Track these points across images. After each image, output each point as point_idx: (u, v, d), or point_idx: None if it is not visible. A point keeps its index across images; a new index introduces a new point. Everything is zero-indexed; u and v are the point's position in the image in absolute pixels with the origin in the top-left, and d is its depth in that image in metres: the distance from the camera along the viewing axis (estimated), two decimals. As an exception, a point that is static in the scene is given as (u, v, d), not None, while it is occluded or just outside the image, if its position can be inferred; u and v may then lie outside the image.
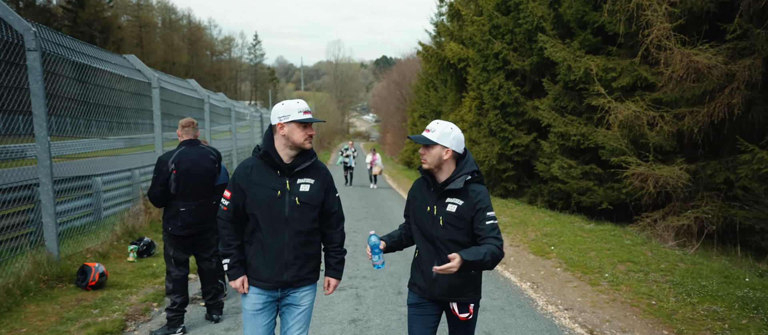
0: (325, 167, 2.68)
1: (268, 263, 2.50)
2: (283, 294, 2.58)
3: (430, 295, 2.51)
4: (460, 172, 2.46)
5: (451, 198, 2.45)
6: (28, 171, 5.99)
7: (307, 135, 2.50)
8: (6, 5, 4.72)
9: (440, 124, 2.49)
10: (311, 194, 2.54)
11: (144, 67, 8.05)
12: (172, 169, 3.89)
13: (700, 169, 8.89)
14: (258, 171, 2.52)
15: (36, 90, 4.87)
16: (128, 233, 6.95)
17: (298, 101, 2.52)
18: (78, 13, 55.03)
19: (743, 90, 8.01)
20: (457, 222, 2.42)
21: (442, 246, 2.45)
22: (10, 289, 4.42)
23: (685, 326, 4.27)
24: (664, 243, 7.96)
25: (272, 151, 2.51)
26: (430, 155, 2.46)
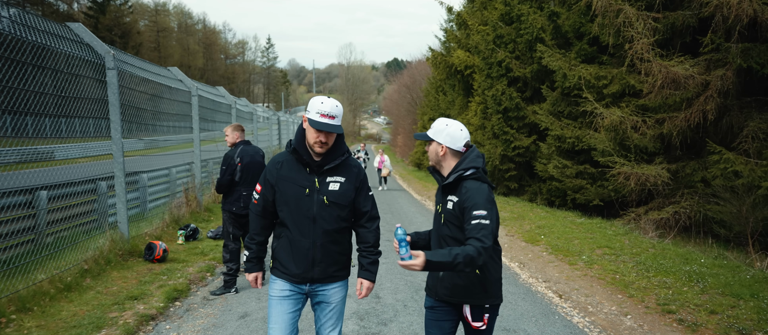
0: (359, 165, 2.60)
1: (296, 259, 2.47)
2: (312, 290, 2.54)
3: (436, 295, 2.49)
4: (457, 168, 2.43)
5: (450, 195, 2.44)
6: (90, 168, 7.19)
7: (317, 140, 2.39)
8: (91, 33, 5.89)
9: (440, 121, 2.48)
10: (340, 193, 2.48)
11: (185, 77, 9.23)
12: (238, 161, 5.05)
13: (680, 168, 9.84)
14: (288, 167, 2.49)
15: (113, 100, 6.04)
16: (175, 221, 8.10)
17: (322, 101, 2.40)
18: (99, 19, 56.76)
19: (716, 98, 8.94)
20: (454, 219, 2.40)
21: (445, 244, 2.43)
22: (97, 259, 5.57)
23: (637, 292, 5.28)
24: (645, 235, 8.92)
25: (301, 147, 2.47)
26: (429, 151, 2.50)
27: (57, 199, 6.44)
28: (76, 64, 5.60)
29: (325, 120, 2.35)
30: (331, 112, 2.37)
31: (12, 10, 4.50)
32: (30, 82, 4.88)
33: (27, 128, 5.23)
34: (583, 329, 4.35)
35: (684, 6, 9.77)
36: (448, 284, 2.42)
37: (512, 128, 14.58)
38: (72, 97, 5.53)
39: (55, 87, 5.39)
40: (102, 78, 5.97)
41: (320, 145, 2.40)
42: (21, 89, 4.77)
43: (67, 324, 4.02)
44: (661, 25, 9.80)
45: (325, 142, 2.39)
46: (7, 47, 4.43)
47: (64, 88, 5.45)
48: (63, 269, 5.08)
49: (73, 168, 6.65)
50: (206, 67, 76.77)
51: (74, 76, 5.51)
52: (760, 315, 4.35)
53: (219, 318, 4.51)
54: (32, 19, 4.89)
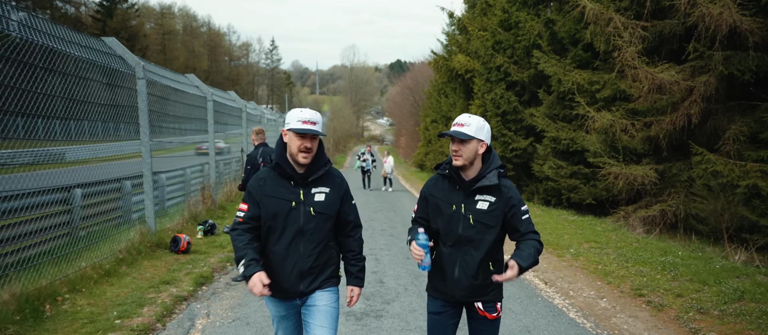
0: (341, 174, 2.62)
1: (285, 274, 2.45)
2: (302, 302, 2.55)
3: (453, 297, 2.47)
4: (489, 167, 2.41)
5: (482, 195, 2.40)
6: (116, 168, 7.84)
7: (302, 146, 2.38)
8: (123, 47, 6.52)
9: (473, 117, 2.42)
10: (326, 204, 2.48)
11: (201, 83, 9.86)
12: (261, 161, 5.65)
13: (667, 169, 10.41)
14: (271, 183, 2.46)
15: (142, 107, 6.67)
16: (193, 218, 8.73)
17: (302, 110, 2.42)
18: (106, 22, 57.53)
19: (700, 102, 9.51)
20: (490, 220, 2.38)
21: (470, 246, 2.41)
22: (130, 250, 6.19)
23: (615, 279, 5.87)
24: (633, 231, 9.50)
25: (284, 161, 2.45)
26: (466, 150, 2.38)
27: (89, 197, 7.09)
28: (111, 75, 6.23)
29: (308, 126, 2.35)
30: (311, 118, 2.38)
31: (61, 28, 5.12)
32: (73, 91, 5.51)
33: (70, 131, 5.86)
34: (562, 309, 4.94)
35: (671, 15, 10.34)
36: (465, 285, 2.42)
37: (510, 130, 15.16)
38: (107, 104, 6.16)
39: (92, 95, 6.03)
40: (133, 86, 6.60)
41: (305, 152, 2.38)
42: (65, 98, 5.40)
43: (113, 303, 4.64)
44: (650, 34, 10.39)
45: (309, 148, 2.38)
46: (56, 60, 5.06)
47: (99, 96, 6.08)
48: (101, 258, 5.71)
49: (101, 168, 7.30)
50: (211, 69, 77.46)
51: (110, 85, 6.15)
52: (720, 297, 4.93)
53: (242, 299, 5.13)
54: (75, 35, 5.52)
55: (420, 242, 2.33)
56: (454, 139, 2.39)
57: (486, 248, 2.40)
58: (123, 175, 7.96)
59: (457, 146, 2.38)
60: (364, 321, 4.51)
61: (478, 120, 2.41)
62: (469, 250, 2.41)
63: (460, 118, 2.43)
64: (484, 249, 2.40)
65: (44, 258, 5.02)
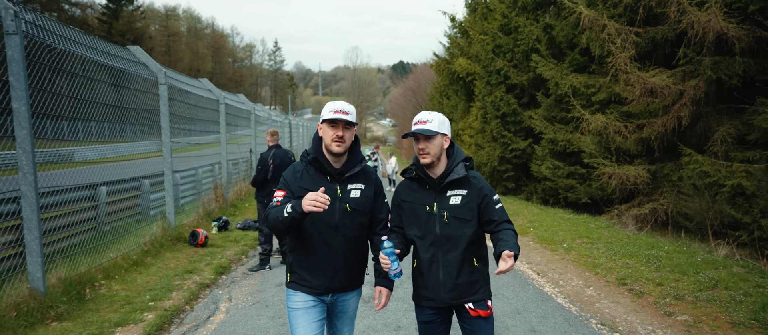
0: (374, 172, 2.65)
1: (318, 270, 2.45)
2: (333, 300, 2.54)
3: (442, 302, 2.40)
4: (455, 161, 2.41)
5: (453, 190, 2.39)
6: (135, 167, 8.34)
7: (334, 135, 2.40)
8: (146, 54, 7.02)
9: (434, 113, 2.42)
10: (362, 201, 2.49)
11: (213, 87, 10.36)
12: (271, 163, 6.13)
13: (659, 169, 10.86)
14: (308, 177, 2.47)
15: (164, 110, 7.17)
16: (207, 215, 9.23)
17: (334, 102, 2.46)
18: (112, 25, 58.14)
19: (689, 105, 9.96)
20: (465, 214, 2.37)
21: (449, 245, 2.37)
22: (153, 243, 6.69)
23: (602, 270, 6.33)
24: (625, 228, 9.95)
25: (321, 156, 2.46)
26: (432, 146, 2.37)
27: (112, 194, 7.59)
28: (136, 80, 6.74)
29: (339, 115, 2.38)
30: (343, 108, 2.42)
31: (98, 42, 5.62)
32: (101, 96, 6.01)
33: (99, 132, 6.36)
34: (551, 295, 5.41)
35: (662, 22, 10.79)
36: (451, 287, 2.37)
37: (510, 131, 15.63)
38: (132, 108, 6.67)
39: (119, 99, 6.53)
40: (155, 91, 7.10)
41: (338, 141, 2.38)
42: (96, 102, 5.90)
43: (145, 288, 5.13)
44: (642, 39, 10.84)
45: (341, 137, 2.38)
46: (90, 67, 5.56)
47: (126, 100, 6.58)
48: (128, 250, 6.20)
49: (122, 167, 7.80)
50: (215, 70, 77.95)
51: (135, 90, 6.66)
52: (696, 285, 5.39)
53: (259, 286, 5.62)
54: (104, 44, 6.02)
55: (385, 250, 2.29)
56: (419, 137, 2.38)
57: (465, 244, 2.36)
58: (142, 174, 8.47)
59: (424, 144, 2.37)
60: (370, 303, 4.99)
61: (439, 115, 2.40)
62: (449, 249, 2.36)
63: (421, 115, 2.42)
64: (463, 246, 2.36)
65: (76, 250, 5.51)
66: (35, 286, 4.20)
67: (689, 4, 9.48)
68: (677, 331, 4.36)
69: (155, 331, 4.13)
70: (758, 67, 9.30)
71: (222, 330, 4.31)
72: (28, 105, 4.02)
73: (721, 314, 4.59)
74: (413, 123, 2.42)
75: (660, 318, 4.73)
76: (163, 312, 4.47)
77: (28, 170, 4.09)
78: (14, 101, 3.97)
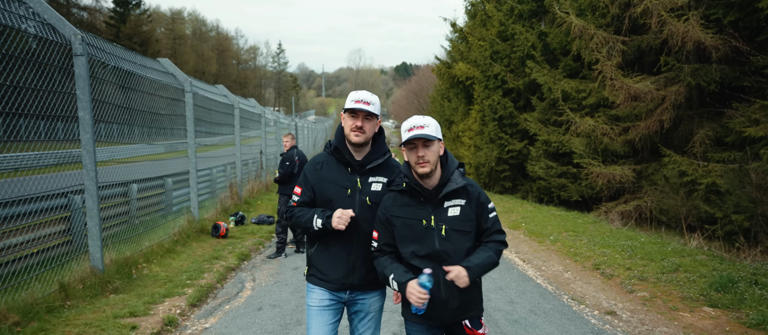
0: (399, 165, 2.50)
1: (335, 264, 2.38)
2: (351, 298, 2.46)
3: (442, 321, 2.25)
4: (451, 169, 2.25)
5: (451, 200, 2.22)
6: (158, 167, 9.16)
7: (354, 125, 2.34)
8: (174, 65, 7.84)
9: (427, 118, 2.25)
10: (383, 194, 2.38)
11: (229, 93, 11.19)
12: (297, 159, 6.92)
13: (643, 169, 11.62)
14: (328, 168, 2.42)
15: (189, 115, 7.99)
16: (224, 210, 10.05)
17: (357, 92, 2.40)
18: (120, 28, 59.08)
19: (671, 110, 10.71)
20: (464, 225, 2.21)
21: (450, 260, 2.18)
22: (181, 234, 7.51)
23: (581, 258, 7.11)
24: (611, 224, 10.71)
25: (343, 146, 2.41)
26: (431, 153, 2.18)
27: (142, 190, 8.42)
28: (164, 89, 7.56)
29: (360, 105, 2.32)
30: (365, 98, 2.34)
31: (136, 56, 6.45)
32: (139, 103, 6.83)
33: (130, 134, 7.19)
34: (532, 277, 6.20)
35: (646, 31, 11.57)
36: (454, 306, 2.20)
37: (506, 133, 16.42)
38: (161, 114, 7.49)
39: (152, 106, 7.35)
40: (181, 98, 7.93)
41: (357, 132, 2.32)
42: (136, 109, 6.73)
43: (180, 270, 5.95)
44: (629, 47, 11.61)
45: (361, 127, 2.32)
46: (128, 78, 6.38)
47: (155, 106, 7.41)
48: (161, 239, 7.03)
49: (148, 167, 8.62)
50: (219, 72, 78.77)
51: (165, 98, 7.49)
52: (660, 269, 6.16)
53: (278, 270, 6.43)
54: (142, 58, 6.84)
55: (423, 282, 2.10)
56: (417, 144, 2.18)
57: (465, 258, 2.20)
58: (166, 173, 9.29)
59: (423, 151, 2.16)
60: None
61: (432, 119, 2.24)
62: (450, 265, 2.15)
63: (415, 119, 2.22)
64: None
65: (119, 238, 6.33)
66: (95, 265, 5.02)
67: (669, 16, 10.24)
68: (635, 304, 5.14)
69: (196, 301, 4.95)
70: (734, 73, 10.05)
71: (251, 302, 5.12)
72: (92, 114, 4.84)
73: (676, 291, 5.37)
74: (406, 129, 2.20)
75: (623, 294, 5.51)
76: (200, 288, 5.28)
77: (90, 168, 4.91)
78: (80, 110, 4.79)
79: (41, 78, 4.55)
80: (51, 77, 4.68)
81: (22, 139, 4.79)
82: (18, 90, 4.28)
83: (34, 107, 4.57)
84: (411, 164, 2.23)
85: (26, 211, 4.91)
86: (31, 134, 4.91)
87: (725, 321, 4.46)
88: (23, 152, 5.28)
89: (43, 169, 4.99)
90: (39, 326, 3.83)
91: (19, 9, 4.31)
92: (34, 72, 4.50)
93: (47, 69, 4.59)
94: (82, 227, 5.95)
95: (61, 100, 4.78)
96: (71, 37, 4.69)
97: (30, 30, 4.31)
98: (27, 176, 4.80)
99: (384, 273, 2.27)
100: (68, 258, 5.20)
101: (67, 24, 4.67)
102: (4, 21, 4.05)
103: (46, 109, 4.64)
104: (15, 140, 4.87)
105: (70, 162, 5.47)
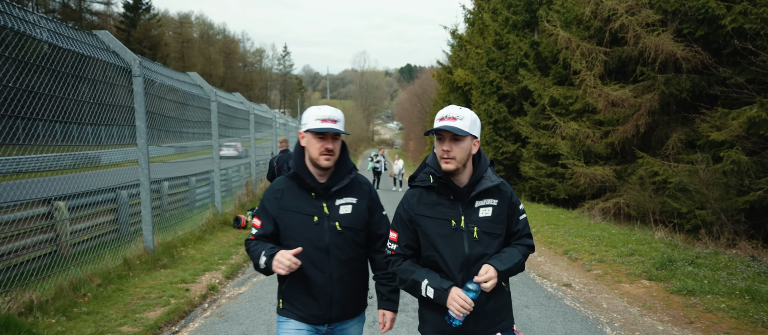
0: (368, 182, 2.36)
1: (312, 299, 2.18)
2: (330, 331, 2.28)
3: (471, 334, 2.02)
4: (484, 166, 2.05)
5: (483, 200, 2.02)
6: (183, 167, 10.33)
7: (322, 148, 2.10)
8: (201, 77, 8.99)
9: (465, 110, 1.99)
10: (354, 217, 2.21)
11: (245, 100, 12.35)
12: (275, 165, 8.01)
13: (623, 169, 12.68)
14: (290, 194, 2.19)
15: (214, 122, 9.14)
16: (241, 206, 11.20)
17: (320, 107, 2.14)
18: (130, 33, 60.46)
19: (646, 116, 11.78)
20: (495, 228, 2.01)
21: (479, 265, 1.97)
22: (207, 225, 8.66)
23: (554, 245, 8.20)
24: (593, 219, 11.78)
25: (302, 170, 2.17)
26: (459, 150, 1.96)
27: (172, 187, 9.58)
28: (193, 99, 8.72)
29: (328, 125, 2.09)
30: (331, 116, 2.12)
31: (173, 72, 7.60)
32: (173, 111, 7.98)
33: (167, 138, 8.35)
34: (509, 260, 7.30)
35: (626, 42, 12.64)
36: (485, 317, 2.03)
37: (501, 136, 17.51)
38: (195, 120, 8.66)
39: (182, 113, 8.51)
40: (207, 107, 9.09)
41: (327, 155, 2.12)
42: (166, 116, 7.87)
43: (212, 253, 7.09)
44: (610, 58, 12.69)
45: (331, 150, 2.12)
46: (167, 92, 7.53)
47: (187, 114, 8.56)
48: (192, 228, 8.17)
49: (175, 167, 9.78)
50: (226, 75, 79.97)
51: (195, 107, 8.65)
52: (618, 254, 7.23)
53: (293, 254, 7.57)
54: (177, 74, 8.00)
55: (471, 293, 1.93)
56: (444, 137, 1.97)
57: None
58: (190, 173, 10.46)
59: (449, 146, 1.96)
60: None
61: (471, 113, 2.01)
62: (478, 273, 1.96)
63: (450, 109, 2.00)
64: None
65: (157, 227, 7.47)
66: (147, 245, 6.16)
67: (644, 31, 11.31)
68: (589, 279, 6.23)
69: (230, 275, 6.08)
70: (704, 83, 11.11)
71: (274, 276, 6.25)
72: (146, 123, 5.98)
73: (625, 269, 6.46)
74: (438, 118, 2.01)
75: (582, 273, 6.60)
76: (231, 266, 6.41)
77: (144, 167, 6.06)
78: (137, 120, 5.94)
79: (103, 94, 5.69)
80: (113, 93, 5.83)
81: (89, 142, 5.93)
82: (81, 104, 5.42)
83: (93, 117, 5.71)
84: (437, 157, 2.03)
85: (90, 202, 6.06)
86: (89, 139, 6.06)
87: (655, 290, 5.54)
88: (84, 151, 6.44)
89: (96, 167, 6.13)
90: (116, 286, 4.97)
91: (94, 41, 5.46)
92: (92, 89, 5.63)
93: (109, 87, 5.73)
94: (127, 218, 7.12)
95: (118, 112, 5.92)
96: (131, 61, 5.84)
97: (101, 57, 5.45)
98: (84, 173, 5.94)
99: (413, 279, 2.04)
100: (118, 243, 6.35)
101: (128, 51, 5.81)
102: (83, 51, 5.19)
103: (102, 119, 5.78)
104: (83, 144, 6.02)
105: (120, 161, 6.64)
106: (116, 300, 4.69)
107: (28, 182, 5.29)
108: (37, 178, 5.60)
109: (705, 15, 10.05)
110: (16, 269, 4.44)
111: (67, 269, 4.88)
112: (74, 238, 5.70)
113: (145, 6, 61.69)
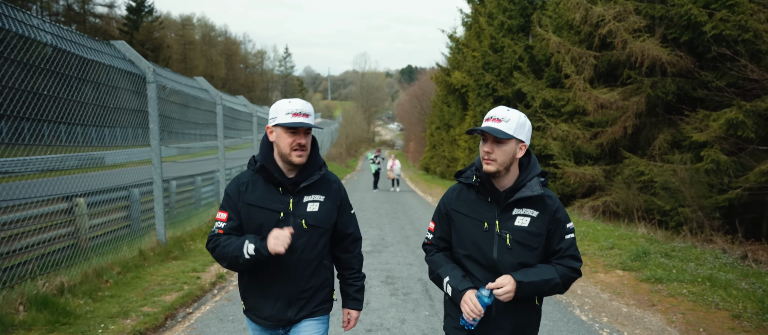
0: (338, 180, 2.27)
1: (269, 298, 2.11)
2: (287, 331, 2.20)
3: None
4: (530, 174, 1.98)
5: (521, 209, 1.96)
6: (187, 166, 10.85)
7: (294, 143, 2.03)
8: (207, 82, 9.50)
9: (513, 112, 1.95)
10: (321, 215, 2.13)
11: (248, 103, 12.86)
12: None
13: (612, 169, 13.17)
14: (254, 189, 2.11)
15: (219, 124, 9.66)
16: (245, 204, 11.71)
17: (290, 100, 2.03)
18: (133, 35, 60.98)
19: (633, 118, 12.27)
20: (531, 240, 1.93)
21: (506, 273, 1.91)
22: (212, 221, 9.14)
23: (541, 240, 8.69)
24: (583, 216, 12.27)
25: (270, 163, 2.09)
26: (501, 153, 1.91)
27: (179, 186, 10.10)
28: (200, 102, 9.24)
29: (299, 119, 2.01)
30: (302, 109, 2.03)
31: (182, 77, 8.11)
32: (185, 115, 8.48)
33: (176, 139, 8.85)
34: (496, 253, 7.80)
35: (615, 47, 13.13)
36: (507, 328, 1.97)
37: (497, 137, 18.01)
38: (202, 122, 9.17)
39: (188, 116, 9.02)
40: (213, 110, 9.60)
41: (300, 151, 2.04)
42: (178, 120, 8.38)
43: (219, 247, 7.59)
44: (600, 62, 13.18)
45: (303, 145, 2.05)
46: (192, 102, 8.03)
47: (193, 117, 9.08)
48: (199, 224, 8.68)
49: (179, 166, 10.29)
50: (228, 77, 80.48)
51: (203, 110, 9.17)
52: (598, 247, 7.72)
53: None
54: (186, 79, 8.50)
55: (481, 296, 1.90)
56: (486, 137, 1.95)
57: None
58: (194, 172, 10.98)
59: (491, 147, 1.92)
60: (373, 253, 7.40)
61: (519, 116, 1.97)
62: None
63: (497, 111, 1.98)
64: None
65: (172, 221, 7.98)
66: (160, 238, 6.67)
67: (630, 36, 11.80)
68: (569, 270, 6.72)
69: (236, 266, 6.59)
70: (688, 86, 11.60)
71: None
72: (159, 125, 6.49)
73: (602, 261, 6.95)
74: (485, 119, 2.00)
75: (563, 264, 7.09)
76: (237, 258, 6.92)
77: (157, 166, 6.56)
78: (151, 123, 6.44)
79: (120, 99, 6.20)
80: (128, 98, 6.34)
81: (105, 143, 6.44)
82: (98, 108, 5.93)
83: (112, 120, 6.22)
84: (480, 157, 2.00)
85: (106, 199, 6.57)
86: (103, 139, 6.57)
87: (627, 278, 6.03)
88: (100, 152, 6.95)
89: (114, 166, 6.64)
90: (134, 274, 5.48)
91: (111, 51, 5.97)
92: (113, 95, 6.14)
93: (126, 93, 6.24)
94: (139, 214, 7.62)
95: (132, 116, 6.44)
96: (145, 69, 6.35)
97: (119, 66, 5.96)
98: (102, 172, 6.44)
99: (438, 273, 2.08)
100: (131, 237, 6.86)
101: (142, 60, 6.32)
102: (104, 61, 5.70)
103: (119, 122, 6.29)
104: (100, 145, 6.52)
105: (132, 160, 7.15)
106: (135, 286, 5.19)
107: (51, 180, 5.80)
108: (57, 177, 6.12)
109: (688, 21, 10.54)
110: (45, 258, 4.95)
111: (90, 258, 5.38)
112: (91, 232, 6.21)
113: (147, 8, 62.27)
